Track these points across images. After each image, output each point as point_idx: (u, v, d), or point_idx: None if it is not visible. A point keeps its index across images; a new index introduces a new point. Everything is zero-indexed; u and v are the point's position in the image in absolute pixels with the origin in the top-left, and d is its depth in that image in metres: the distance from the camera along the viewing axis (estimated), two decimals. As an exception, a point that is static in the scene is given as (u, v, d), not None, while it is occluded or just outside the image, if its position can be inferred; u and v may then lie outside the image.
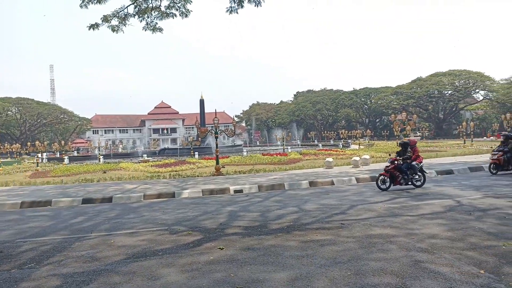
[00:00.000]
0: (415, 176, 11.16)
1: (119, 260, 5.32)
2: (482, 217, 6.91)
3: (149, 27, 11.30)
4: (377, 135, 74.65)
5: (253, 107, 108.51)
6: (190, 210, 9.36)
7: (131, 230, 7.36)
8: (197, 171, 18.92)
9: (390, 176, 11.11)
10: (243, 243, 5.94)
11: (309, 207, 8.97)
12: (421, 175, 11.25)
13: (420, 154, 11.70)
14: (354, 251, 5.21)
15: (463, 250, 5.02)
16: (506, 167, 13.66)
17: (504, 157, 13.65)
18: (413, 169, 11.10)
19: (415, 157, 11.30)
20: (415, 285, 3.93)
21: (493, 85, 65.13)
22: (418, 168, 11.14)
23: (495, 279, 3.98)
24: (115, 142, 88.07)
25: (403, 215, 7.45)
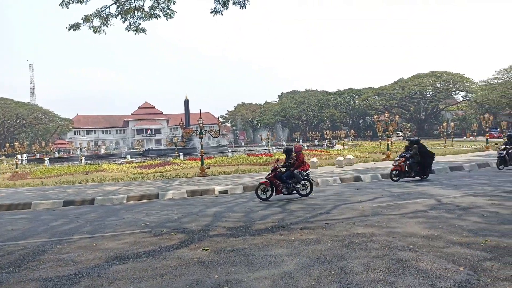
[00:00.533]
0: (297, 185, 10.35)
1: (101, 263, 5.23)
2: (462, 215, 7.08)
3: (132, 27, 11.13)
4: (361, 136, 75.60)
5: (238, 107, 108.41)
6: (174, 212, 9.28)
7: (114, 232, 7.24)
8: (182, 172, 18.77)
9: (271, 185, 10.31)
10: (228, 244, 5.92)
11: (294, 207, 9.01)
12: (307, 183, 10.51)
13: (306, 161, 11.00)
14: (337, 250, 5.26)
15: (443, 248, 5.13)
16: (409, 174, 12.89)
17: (406, 164, 12.90)
18: (296, 177, 10.29)
19: (299, 165, 10.52)
20: (397, 283, 3.99)
21: (472, 86, 66.92)
22: (301, 177, 10.36)
23: (474, 276, 4.08)
24: (97, 143, 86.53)
25: (386, 214, 7.57)
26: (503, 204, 7.90)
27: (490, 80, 64.29)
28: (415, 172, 12.90)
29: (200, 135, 18.50)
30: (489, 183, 11.27)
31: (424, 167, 12.97)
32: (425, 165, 13.00)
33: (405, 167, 12.87)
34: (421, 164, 12.92)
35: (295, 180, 10.34)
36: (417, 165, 12.90)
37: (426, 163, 13.02)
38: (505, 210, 7.35)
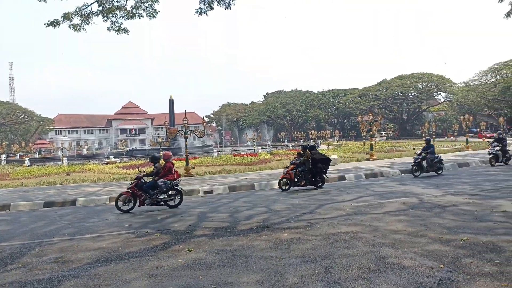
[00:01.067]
0: (161, 195, 9.55)
1: (82, 265, 5.13)
2: (442, 214, 7.24)
3: (114, 27, 10.92)
4: (345, 136, 76.44)
5: (224, 107, 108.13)
6: (157, 212, 9.18)
7: (96, 234, 7.12)
8: (166, 172, 18.57)
9: (134, 195, 9.49)
10: (212, 244, 5.89)
11: (278, 207, 9.04)
12: (177, 193, 9.77)
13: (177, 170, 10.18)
14: (322, 249, 5.30)
15: (424, 245, 5.23)
16: (299, 183, 11.89)
17: (295, 171, 11.95)
18: (159, 188, 9.50)
19: (165, 174, 9.67)
20: (379, 280, 4.05)
21: (453, 88, 68.53)
22: (165, 187, 9.52)
23: (454, 272, 4.17)
24: (79, 143, 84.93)
25: (369, 213, 7.67)
26: (481, 203, 8.11)
27: (470, 81, 65.95)
28: (307, 181, 11.87)
29: (185, 135, 18.37)
30: (469, 182, 11.56)
31: (315, 175, 11.98)
32: (317, 173, 11.96)
33: (294, 176, 11.88)
34: (313, 172, 11.96)
35: (159, 191, 9.50)
36: (309, 173, 11.91)
37: (318, 170, 11.96)
38: (482, 208, 7.55)
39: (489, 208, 7.50)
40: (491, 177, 12.50)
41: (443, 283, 3.90)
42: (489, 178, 12.39)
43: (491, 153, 16.08)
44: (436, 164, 13.94)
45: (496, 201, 8.22)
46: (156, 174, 9.78)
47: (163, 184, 9.55)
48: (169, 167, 9.82)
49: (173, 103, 46.06)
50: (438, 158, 14.12)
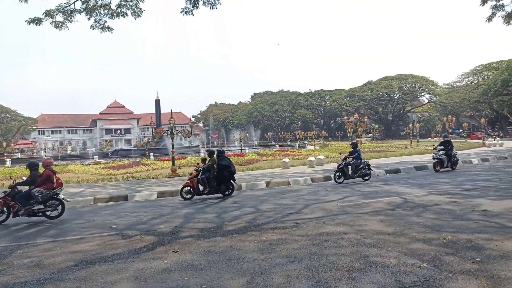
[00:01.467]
0: (36, 205, 8.66)
1: (65, 268, 5.04)
2: (425, 213, 7.37)
3: (98, 25, 10.77)
4: (331, 136, 77.11)
5: (211, 107, 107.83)
6: (143, 213, 9.09)
7: (80, 235, 7.00)
8: (152, 173, 18.42)
9: (6, 206, 8.60)
10: (199, 245, 5.86)
11: (265, 207, 9.06)
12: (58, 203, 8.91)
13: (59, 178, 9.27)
14: (308, 249, 5.34)
15: (408, 244, 5.32)
16: (203, 191, 11.03)
17: (198, 179, 11.05)
18: (34, 198, 8.56)
19: (42, 182, 8.72)
20: (364, 279, 4.10)
21: (437, 89, 69.93)
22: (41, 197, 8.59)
23: (436, 271, 4.26)
24: (63, 143, 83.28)
25: (355, 213, 7.76)
26: (462, 202, 8.30)
27: (453, 83, 67.43)
28: (212, 189, 11.01)
29: (172, 135, 18.23)
30: (451, 182, 11.80)
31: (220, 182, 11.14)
32: (223, 180, 11.11)
33: (197, 183, 11.00)
34: (219, 179, 11.13)
35: (35, 201, 8.61)
36: (214, 180, 11.07)
37: (224, 178, 11.10)
38: (463, 207, 7.72)
39: (470, 207, 7.67)
40: (471, 177, 12.79)
41: (426, 281, 3.97)
42: (470, 177, 12.68)
43: (435, 157, 15.05)
44: (362, 170, 13.09)
45: (477, 200, 8.41)
46: (32, 183, 8.84)
47: (38, 193, 8.60)
48: (47, 175, 8.87)
49: (159, 103, 45.72)
50: (364, 163, 13.22)
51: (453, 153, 15.17)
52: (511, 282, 3.82)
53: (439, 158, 14.92)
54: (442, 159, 14.89)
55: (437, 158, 14.98)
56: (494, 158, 19.74)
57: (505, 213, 6.91)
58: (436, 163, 15.02)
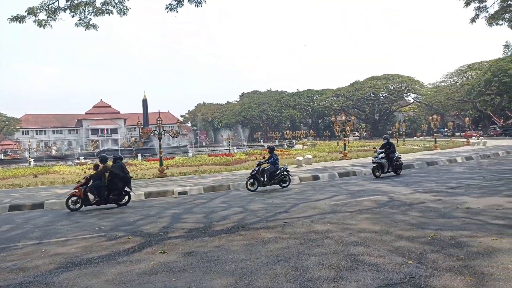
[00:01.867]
0: None
1: (50, 270, 4.95)
2: (410, 211, 7.47)
3: (82, 23, 10.59)
4: (319, 135, 77.61)
5: (199, 107, 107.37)
6: (130, 214, 8.99)
7: (65, 237, 6.88)
8: (140, 173, 18.24)
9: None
10: (186, 246, 5.82)
11: (254, 207, 9.06)
12: None
13: None
14: (295, 248, 5.35)
15: (394, 242, 5.38)
16: (94, 201, 10.11)
17: (85, 188, 10.09)
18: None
19: None
20: (351, 277, 4.13)
21: (422, 89, 71.08)
22: None
23: (422, 268, 4.32)
24: (48, 143, 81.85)
25: (342, 212, 7.82)
26: (447, 200, 8.44)
27: (438, 83, 68.61)
28: (102, 198, 10.14)
29: (159, 135, 18.08)
30: (436, 180, 11.99)
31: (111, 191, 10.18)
32: (115, 189, 10.17)
33: (84, 192, 10.07)
34: (110, 188, 10.18)
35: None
36: (105, 189, 10.16)
37: (116, 187, 10.14)
38: (448, 205, 7.85)
39: (454, 205, 7.80)
40: (456, 175, 13.03)
41: (412, 279, 4.03)
42: (455, 176, 12.91)
43: (375, 161, 13.58)
44: (279, 176, 12.00)
45: (461, 198, 8.57)
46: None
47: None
48: None
49: (146, 103, 45.34)
50: (282, 168, 12.18)
51: (395, 156, 13.85)
52: (493, 278, 3.90)
53: (379, 162, 13.48)
54: (382, 163, 13.46)
55: (377, 163, 13.51)
56: (477, 156, 20.15)
57: (488, 210, 7.06)
58: (376, 168, 13.50)
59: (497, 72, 45.94)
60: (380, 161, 13.49)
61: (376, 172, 13.48)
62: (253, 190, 11.73)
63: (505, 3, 16.61)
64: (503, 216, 6.52)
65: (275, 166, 12.12)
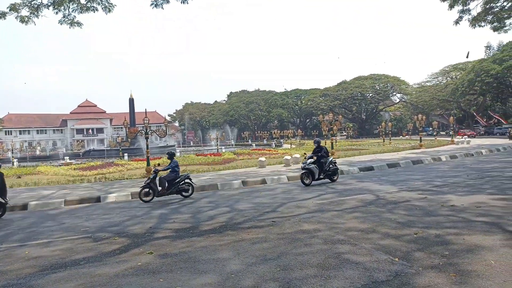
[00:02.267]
0: None
1: (33, 273, 4.84)
2: (397, 209, 7.56)
3: (67, 20, 10.40)
4: (307, 135, 78.03)
5: (187, 106, 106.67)
6: (116, 215, 8.88)
7: (49, 239, 6.75)
8: (126, 174, 18.03)
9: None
10: (173, 246, 5.77)
11: (242, 206, 9.04)
12: None
13: None
14: (283, 247, 5.36)
15: (380, 240, 5.44)
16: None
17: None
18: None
19: None
20: (338, 276, 4.15)
21: (408, 89, 72.20)
22: None
23: (407, 265, 4.37)
24: (32, 143, 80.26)
25: (329, 211, 7.86)
26: (432, 198, 8.57)
27: (423, 83, 69.77)
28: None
29: (146, 135, 17.89)
30: (421, 179, 12.17)
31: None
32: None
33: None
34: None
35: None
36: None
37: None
38: (433, 203, 7.98)
39: (439, 203, 7.93)
40: (441, 173, 13.25)
41: (398, 276, 4.07)
42: (440, 174, 13.12)
43: (304, 167, 12.10)
44: (179, 184, 10.93)
45: (446, 196, 8.71)
46: None
47: None
48: None
49: (133, 102, 44.83)
50: (183, 176, 11.07)
51: (328, 161, 12.39)
52: (476, 275, 3.98)
53: (308, 168, 11.98)
54: (311, 169, 11.96)
55: (306, 169, 12.03)
56: (461, 155, 20.54)
57: (472, 208, 7.19)
58: (304, 175, 12.01)
59: (480, 72, 46.93)
60: (309, 167, 11.96)
61: (305, 179, 11.95)
62: (147, 201, 10.50)
63: (487, 5, 16.99)
64: (487, 214, 6.66)
65: (174, 174, 10.95)
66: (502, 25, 18.45)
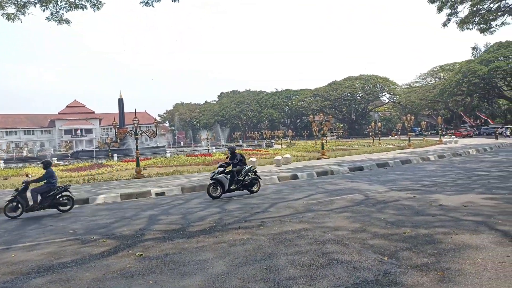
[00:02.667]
0: None
1: (18, 277, 4.75)
2: (386, 209, 7.62)
3: (54, 18, 10.23)
4: (298, 135, 78.28)
5: (177, 107, 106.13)
6: (105, 217, 8.77)
7: (35, 242, 6.63)
8: (116, 175, 17.84)
9: None
10: (163, 248, 5.72)
11: (232, 207, 9.02)
12: None
13: None
14: (272, 248, 5.35)
15: (369, 240, 5.47)
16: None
17: None
18: None
19: None
20: (328, 275, 4.16)
21: (397, 89, 73.00)
22: None
23: (396, 264, 4.41)
24: (19, 144, 78.95)
25: (318, 210, 7.88)
26: (421, 198, 8.67)
27: (412, 83, 70.60)
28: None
29: (136, 136, 17.73)
30: (410, 178, 12.30)
31: None
32: None
33: None
34: None
35: None
36: None
37: None
38: (422, 203, 8.06)
39: (428, 202, 8.02)
40: (429, 173, 13.41)
41: (387, 275, 4.10)
42: (429, 174, 13.28)
43: (212, 177, 10.62)
44: (55, 197, 9.76)
45: (435, 195, 8.81)
46: None
47: None
48: None
49: (122, 102, 44.39)
50: (61, 189, 9.91)
51: (244, 170, 10.94)
52: (464, 273, 4.03)
53: (216, 179, 10.53)
54: (220, 180, 10.49)
55: (214, 179, 10.56)
56: (449, 155, 20.82)
57: (460, 207, 7.29)
58: (212, 186, 10.53)
59: (467, 73, 47.66)
60: (217, 177, 10.49)
61: (213, 192, 10.46)
62: (15, 217, 9.35)
63: (475, 7, 17.26)
64: (475, 213, 6.75)
65: (49, 185, 9.80)
66: (488, 26, 18.77)
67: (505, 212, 6.66)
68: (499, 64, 44.47)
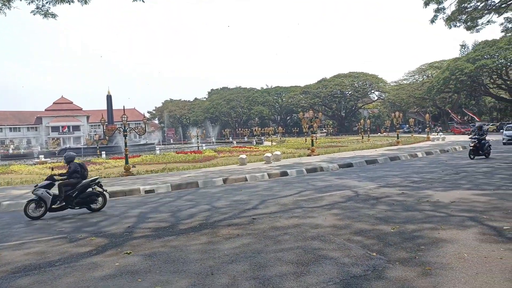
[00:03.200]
0: None
1: (5, 276, 4.67)
2: (376, 205, 7.70)
3: (40, 11, 10.02)
4: (288, 132, 78.45)
5: (166, 103, 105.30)
6: (93, 215, 8.67)
7: (21, 241, 6.52)
8: (104, 172, 17.65)
9: None
10: (152, 246, 5.68)
11: (221, 204, 9.00)
12: None
13: None
14: (261, 244, 5.36)
15: (358, 236, 5.52)
16: None
17: None
18: None
19: None
20: (317, 271, 4.19)
21: (385, 87, 73.60)
22: None
23: (385, 260, 4.45)
24: (4, 142, 77.52)
25: (308, 207, 7.92)
26: (410, 194, 8.77)
27: (400, 81, 71.27)
28: None
29: (124, 133, 17.55)
30: (399, 175, 12.43)
31: None
32: None
33: None
34: None
35: None
36: None
37: None
38: (412, 198, 8.16)
39: (417, 198, 8.12)
40: (418, 169, 13.57)
41: (375, 270, 4.14)
42: (417, 170, 13.44)
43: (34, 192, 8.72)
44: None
45: (424, 191, 8.93)
46: None
47: None
48: None
49: (111, 99, 43.96)
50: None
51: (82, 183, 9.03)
52: (451, 267, 4.09)
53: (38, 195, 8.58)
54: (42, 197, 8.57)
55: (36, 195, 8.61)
56: (437, 151, 21.11)
57: (448, 203, 7.40)
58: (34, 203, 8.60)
59: (455, 70, 48.24)
60: (38, 193, 8.57)
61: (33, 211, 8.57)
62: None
63: (461, 4, 17.46)
64: (462, 209, 6.86)
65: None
66: (474, 24, 19.02)
67: (492, 208, 6.78)
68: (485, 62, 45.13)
